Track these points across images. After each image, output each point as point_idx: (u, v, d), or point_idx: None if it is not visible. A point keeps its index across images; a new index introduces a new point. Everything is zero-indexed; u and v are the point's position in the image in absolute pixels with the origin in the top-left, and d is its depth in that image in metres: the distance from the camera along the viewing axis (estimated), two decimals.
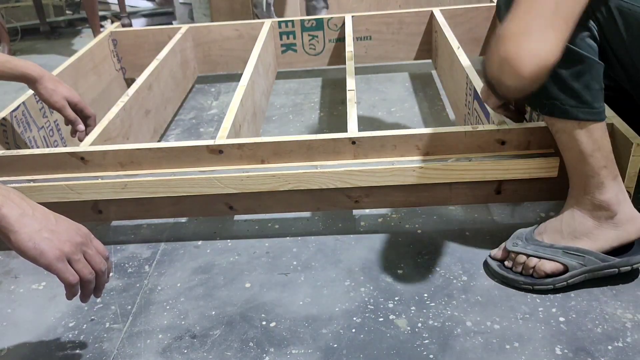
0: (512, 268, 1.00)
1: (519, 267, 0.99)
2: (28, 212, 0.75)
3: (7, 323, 1.02)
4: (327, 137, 1.08)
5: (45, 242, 0.74)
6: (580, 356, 0.85)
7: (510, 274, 0.99)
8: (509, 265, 1.01)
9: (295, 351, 0.90)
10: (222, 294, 1.04)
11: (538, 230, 1.01)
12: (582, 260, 0.95)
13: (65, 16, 3.20)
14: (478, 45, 1.88)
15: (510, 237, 1.03)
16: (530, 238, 1.00)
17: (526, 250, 0.98)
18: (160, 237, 1.22)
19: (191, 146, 1.10)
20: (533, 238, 1.00)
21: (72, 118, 1.28)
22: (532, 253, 0.98)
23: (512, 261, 1.00)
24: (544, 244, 0.98)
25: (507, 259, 1.02)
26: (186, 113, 1.87)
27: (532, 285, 0.97)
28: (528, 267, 0.98)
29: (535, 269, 0.97)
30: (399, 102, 1.79)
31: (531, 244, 0.99)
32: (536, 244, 0.98)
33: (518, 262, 0.99)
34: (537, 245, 0.98)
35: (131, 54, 1.94)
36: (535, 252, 0.97)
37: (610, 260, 0.94)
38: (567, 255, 0.95)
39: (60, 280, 0.76)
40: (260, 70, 1.61)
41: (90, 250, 0.80)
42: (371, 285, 1.03)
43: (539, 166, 1.05)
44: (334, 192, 1.12)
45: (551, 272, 0.96)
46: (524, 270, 0.98)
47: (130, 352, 0.93)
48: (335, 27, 1.89)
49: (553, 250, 0.96)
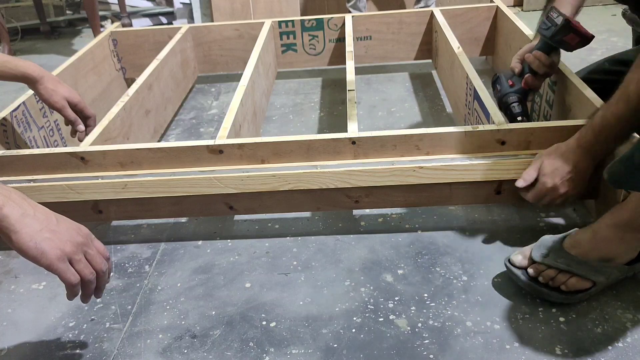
0: (539, 278, 0.95)
1: (547, 279, 0.95)
2: (29, 212, 0.75)
3: (7, 323, 1.02)
4: (327, 137, 1.08)
5: (46, 242, 0.74)
6: (580, 356, 0.85)
7: (544, 288, 0.95)
8: (534, 274, 0.96)
9: (295, 351, 0.90)
10: (222, 294, 1.04)
11: (569, 244, 0.95)
12: (608, 274, 0.93)
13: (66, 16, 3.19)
14: (478, 45, 1.88)
15: (535, 246, 0.98)
16: (559, 250, 0.95)
17: (557, 264, 0.94)
18: (161, 237, 1.22)
19: (191, 146, 1.10)
20: (564, 250, 0.95)
21: (72, 118, 1.28)
22: (564, 268, 0.93)
23: (539, 272, 0.95)
24: (577, 259, 0.93)
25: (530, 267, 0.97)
26: (186, 113, 1.87)
27: (564, 300, 0.94)
28: (559, 281, 0.94)
29: (566, 285, 0.93)
30: (399, 102, 1.79)
31: (562, 256, 0.94)
32: (568, 259, 0.94)
33: (548, 275, 0.94)
34: (569, 259, 0.93)
35: (131, 54, 1.94)
36: (568, 267, 0.93)
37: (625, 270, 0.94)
38: (598, 272, 0.93)
39: (61, 280, 0.76)
40: (261, 70, 1.61)
41: (91, 250, 0.80)
42: (371, 285, 1.03)
43: None
44: (334, 192, 1.12)
45: (580, 289, 0.93)
46: (551, 283, 0.94)
47: (131, 352, 0.93)
48: (336, 27, 1.89)
49: (586, 267, 0.92)
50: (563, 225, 1.15)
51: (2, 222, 0.73)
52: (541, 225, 1.15)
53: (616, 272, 0.94)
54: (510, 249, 1.09)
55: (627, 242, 0.92)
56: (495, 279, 1.01)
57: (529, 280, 0.96)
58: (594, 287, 0.93)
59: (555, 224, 1.15)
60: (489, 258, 1.07)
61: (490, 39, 1.86)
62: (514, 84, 1.18)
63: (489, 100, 1.17)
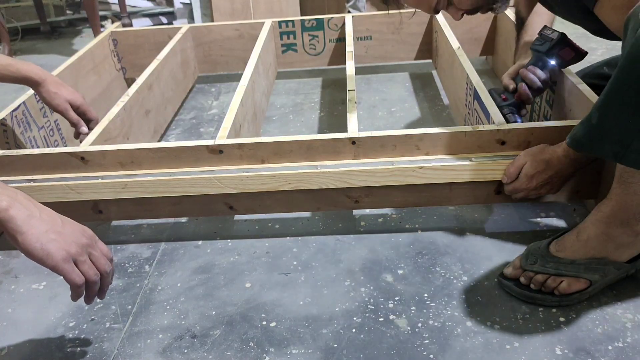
0: (531, 286, 0.96)
1: (538, 285, 0.95)
2: (35, 213, 0.76)
3: (7, 323, 1.02)
4: (327, 137, 1.08)
5: (52, 243, 0.75)
6: (581, 356, 0.85)
7: (536, 294, 0.95)
8: (525, 282, 0.96)
9: (295, 351, 0.90)
10: (222, 293, 1.04)
11: (555, 247, 0.96)
12: (602, 272, 0.92)
13: (66, 16, 3.20)
14: (478, 45, 1.88)
15: (523, 255, 0.98)
16: (546, 255, 0.95)
17: (546, 269, 0.94)
18: (161, 237, 1.22)
19: (191, 146, 1.10)
20: (551, 255, 0.95)
21: (75, 121, 1.28)
22: (553, 272, 0.93)
23: (529, 279, 0.96)
24: (564, 260, 0.93)
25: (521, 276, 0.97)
26: (186, 113, 1.87)
27: (560, 302, 0.94)
28: (550, 286, 0.94)
29: (558, 289, 0.93)
30: (399, 102, 1.79)
31: (550, 261, 0.94)
32: (556, 262, 0.94)
33: (538, 281, 0.94)
34: (557, 262, 0.94)
35: (131, 53, 1.94)
36: (557, 270, 0.93)
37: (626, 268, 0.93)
38: (590, 270, 0.92)
39: (66, 281, 0.77)
40: (261, 70, 1.61)
41: (96, 252, 0.81)
42: (371, 285, 1.03)
43: None
44: (334, 192, 1.12)
45: (576, 290, 0.93)
46: (543, 288, 0.94)
47: (131, 351, 0.93)
48: (336, 27, 1.89)
49: (575, 267, 0.92)
50: (563, 226, 1.15)
51: (8, 224, 0.73)
52: (541, 225, 1.15)
53: (613, 270, 0.93)
54: (510, 249, 1.09)
55: (615, 239, 0.91)
56: (495, 279, 1.01)
57: (521, 289, 0.96)
58: (591, 286, 0.93)
59: (556, 224, 1.15)
60: (489, 258, 1.07)
61: (490, 39, 1.86)
62: (507, 98, 1.19)
63: (489, 100, 1.17)
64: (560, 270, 0.93)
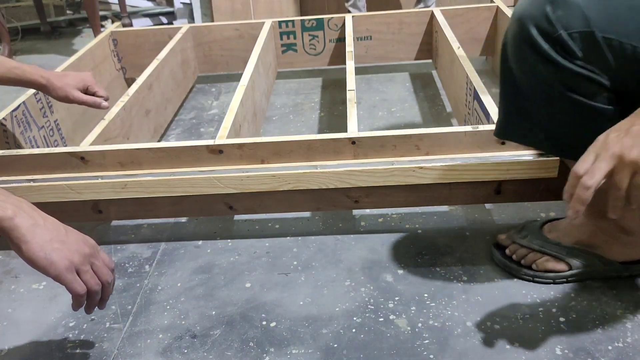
0: (513, 257, 1.01)
1: (519, 257, 1.00)
2: (40, 222, 0.76)
3: (7, 323, 1.02)
4: (327, 137, 1.08)
5: (56, 252, 0.75)
6: (581, 356, 0.85)
7: (513, 264, 1.00)
8: (509, 253, 1.02)
9: (295, 351, 0.90)
10: (222, 293, 1.04)
11: (549, 228, 1.01)
12: (585, 260, 0.95)
13: (66, 16, 3.19)
14: (478, 45, 1.88)
15: (518, 228, 1.04)
16: (537, 232, 1.01)
17: (532, 245, 0.99)
18: (161, 237, 1.22)
19: (191, 146, 1.10)
20: (541, 234, 1.00)
21: (91, 102, 1.28)
22: (537, 248, 0.98)
23: (514, 251, 1.01)
24: (550, 240, 0.98)
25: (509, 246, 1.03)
26: (186, 113, 1.87)
27: (533, 277, 0.98)
28: (530, 260, 0.98)
29: (537, 264, 0.98)
30: (399, 102, 1.79)
31: (538, 239, 0.99)
32: (543, 240, 0.99)
33: (521, 253, 1.00)
34: (544, 241, 0.99)
35: (131, 53, 1.94)
36: (540, 247, 0.98)
37: (612, 264, 0.95)
38: (572, 255, 0.96)
39: (68, 290, 0.77)
40: (261, 70, 1.61)
41: (98, 261, 0.81)
42: (371, 285, 1.03)
43: (539, 166, 1.05)
44: (334, 192, 1.12)
45: (552, 269, 0.97)
46: (523, 261, 0.99)
47: (131, 351, 0.93)
48: (336, 27, 1.89)
49: (559, 248, 0.97)
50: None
51: (13, 232, 0.74)
52: None
53: (598, 263, 0.95)
54: None
55: (603, 230, 0.94)
56: (496, 279, 1.01)
57: (502, 258, 1.01)
58: (570, 270, 0.96)
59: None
60: (489, 258, 1.07)
61: (490, 39, 1.86)
62: None
63: (489, 100, 1.17)
64: (544, 249, 0.98)
